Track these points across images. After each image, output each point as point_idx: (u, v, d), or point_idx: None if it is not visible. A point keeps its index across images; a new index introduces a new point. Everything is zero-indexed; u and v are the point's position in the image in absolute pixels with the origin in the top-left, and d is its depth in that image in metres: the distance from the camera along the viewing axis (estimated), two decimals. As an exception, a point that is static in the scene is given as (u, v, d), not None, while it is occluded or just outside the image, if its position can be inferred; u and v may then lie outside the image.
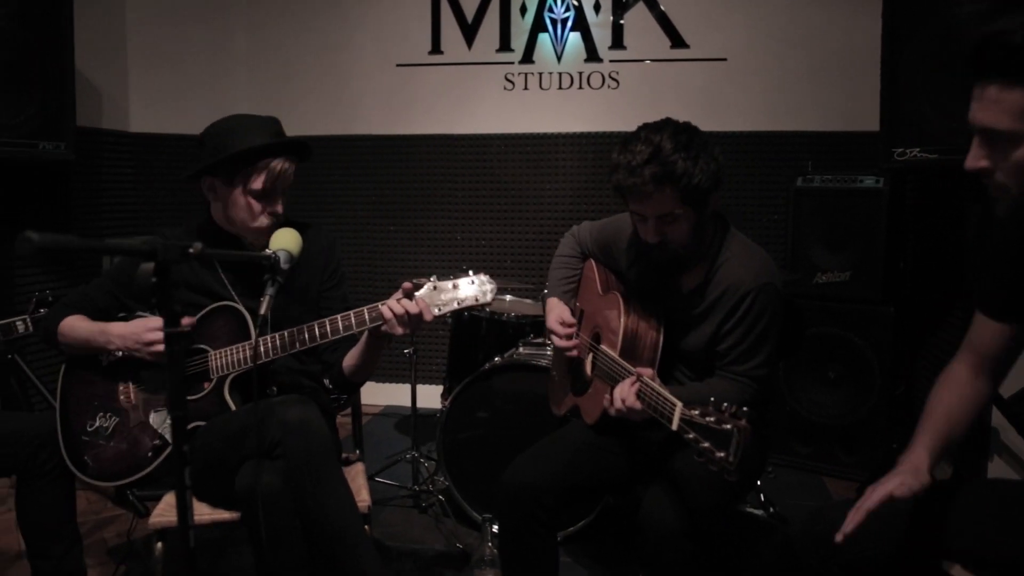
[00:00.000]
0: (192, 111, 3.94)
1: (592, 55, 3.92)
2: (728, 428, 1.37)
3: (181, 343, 1.23)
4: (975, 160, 1.26)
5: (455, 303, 1.83)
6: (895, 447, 2.97)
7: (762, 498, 2.86)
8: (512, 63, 4.00)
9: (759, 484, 2.86)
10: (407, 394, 3.21)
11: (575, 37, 3.93)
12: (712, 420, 1.40)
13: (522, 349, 2.80)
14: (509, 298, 3.15)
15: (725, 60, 3.79)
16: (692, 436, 1.44)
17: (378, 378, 4.08)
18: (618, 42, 3.90)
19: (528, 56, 3.98)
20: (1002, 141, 1.21)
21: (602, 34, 3.90)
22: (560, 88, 3.97)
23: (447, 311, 1.83)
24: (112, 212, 3.86)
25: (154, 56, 3.98)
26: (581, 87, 3.95)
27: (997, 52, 1.17)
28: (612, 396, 1.71)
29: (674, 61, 3.84)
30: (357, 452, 2.31)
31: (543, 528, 1.89)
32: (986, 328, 1.46)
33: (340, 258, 2.17)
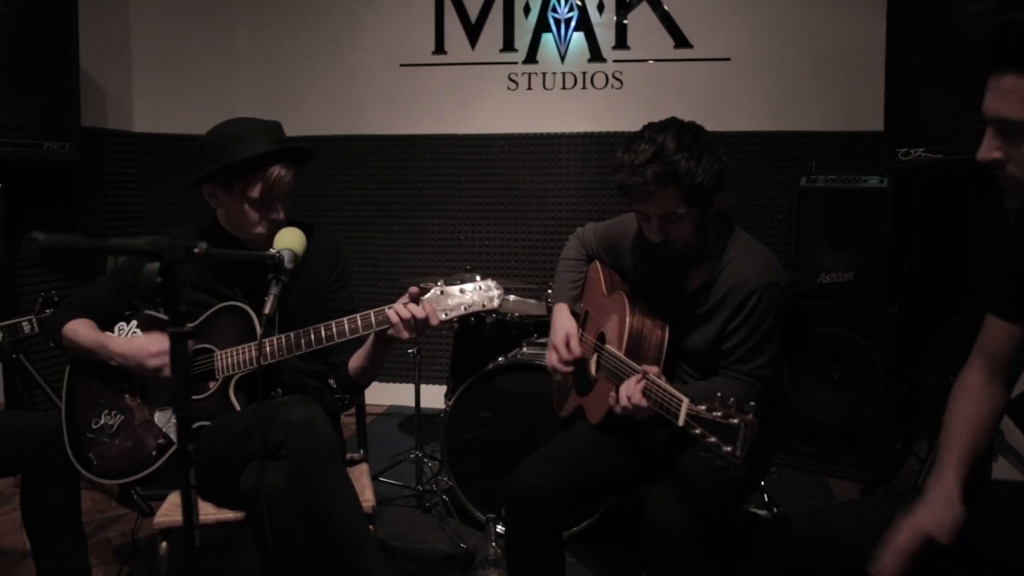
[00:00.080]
0: (195, 111, 3.96)
1: (596, 55, 3.92)
2: (735, 422, 1.37)
3: (185, 345, 1.24)
4: (988, 151, 1.23)
5: (462, 308, 1.83)
6: (899, 447, 2.97)
7: (766, 498, 2.86)
8: (516, 63, 4.00)
9: (763, 484, 2.85)
10: (411, 394, 3.22)
11: (579, 37, 3.93)
12: (719, 415, 1.40)
13: (526, 349, 2.80)
14: (513, 298, 3.15)
15: (729, 60, 3.79)
16: (699, 431, 1.43)
17: (382, 378, 4.08)
18: (621, 42, 3.89)
19: (532, 56, 3.98)
20: (1016, 131, 1.19)
21: (605, 34, 3.90)
22: (564, 88, 3.97)
23: (454, 316, 1.83)
24: (116, 212, 3.88)
25: (158, 56, 4.00)
26: (584, 87, 3.95)
27: (1013, 41, 1.15)
28: (618, 394, 1.71)
29: (678, 61, 3.83)
30: (361, 452, 2.32)
31: (549, 530, 1.90)
32: (997, 330, 1.43)
33: (347, 259, 2.17)
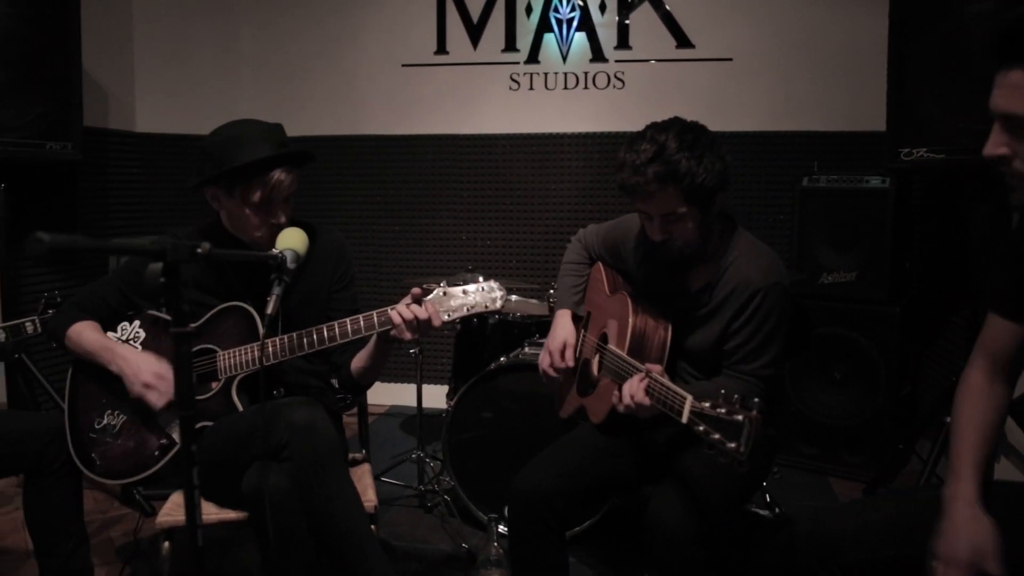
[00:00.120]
0: (197, 111, 3.97)
1: (597, 55, 3.92)
2: (739, 419, 1.37)
3: (188, 345, 1.24)
4: (994, 147, 1.23)
5: (465, 309, 1.83)
6: (901, 447, 2.96)
7: (767, 499, 2.86)
8: (517, 63, 4.00)
9: (765, 484, 2.85)
10: (412, 394, 3.22)
11: (580, 37, 3.93)
12: (723, 411, 1.40)
13: (527, 349, 2.80)
14: (515, 298, 3.15)
15: (731, 60, 3.79)
16: (702, 428, 1.43)
17: (383, 378, 4.05)
18: (623, 42, 3.89)
19: (533, 56, 3.98)
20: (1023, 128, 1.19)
21: (607, 34, 3.90)
22: (565, 88, 3.97)
23: (456, 317, 1.83)
24: (118, 212, 3.88)
25: (160, 56, 4.00)
26: (586, 87, 3.95)
27: (1021, 37, 1.15)
28: (621, 393, 1.71)
29: (679, 61, 3.83)
30: (363, 452, 2.32)
31: (552, 531, 1.90)
32: (998, 329, 1.42)
33: (351, 260, 2.17)
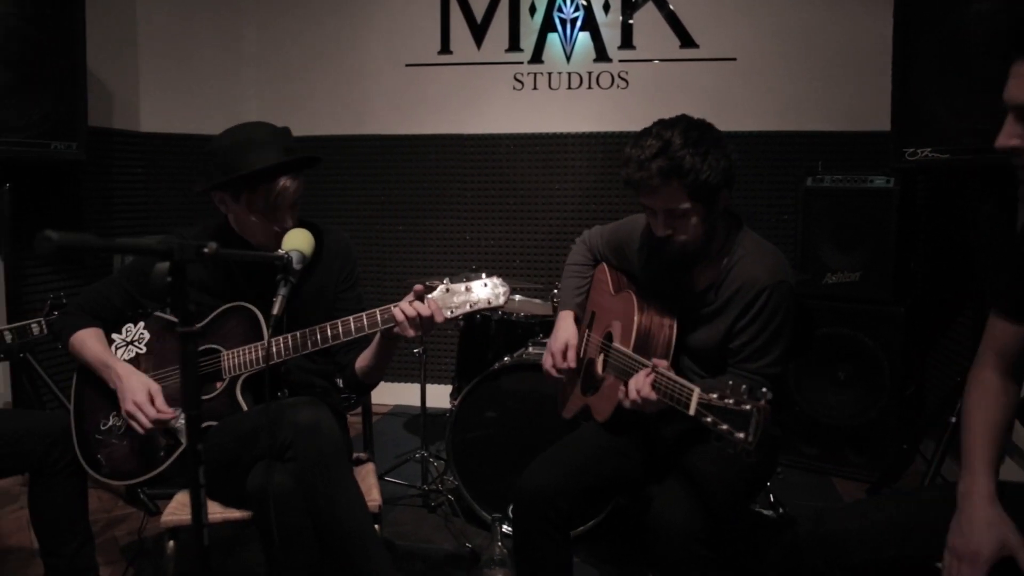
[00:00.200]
0: (202, 111, 3.98)
1: (601, 55, 3.92)
2: (748, 408, 1.36)
3: (194, 344, 1.24)
4: (1007, 138, 1.22)
5: (467, 306, 1.82)
6: (905, 448, 2.96)
7: (771, 498, 2.86)
8: (521, 63, 4.00)
9: (768, 484, 2.85)
10: (416, 394, 3.22)
11: (584, 37, 3.93)
12: (731, 402, 1.39)
13: (531, 349, 2.80)
14: (519, 298, 3.15)
15: (735, 60, 3.79)
16: (710, 419, 1.42)
17: (387, 378, 4.06)
18: (627, 42, 3.89)
19: (537, 56, 3.98)
20: None
21: (611, 34, 3.90)
22: (569, 88, 3.97)
23: (459, 313, 1.82)
24: (123, 212, 3.88)
25: (164, 56, 4.00)
26: (590, 87, 3.95)
27: None
28: (627, 389, 1.70)
29: (683, 61, 3.84)
30: (367, 452, 2.32)
31: (557, 531, 1.90)
32: (1003, 330, 1.42)
33: (356, 260, 2.17)
